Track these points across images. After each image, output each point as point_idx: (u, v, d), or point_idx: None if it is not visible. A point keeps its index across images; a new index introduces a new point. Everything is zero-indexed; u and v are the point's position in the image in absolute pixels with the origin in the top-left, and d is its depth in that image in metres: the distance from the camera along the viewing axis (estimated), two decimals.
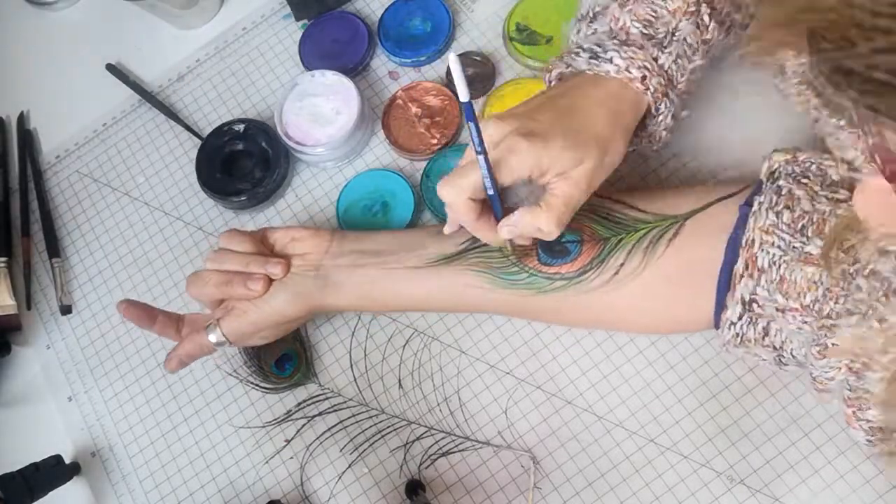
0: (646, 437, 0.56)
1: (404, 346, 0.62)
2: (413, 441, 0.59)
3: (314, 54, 0.73)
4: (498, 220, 0.50)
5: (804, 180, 0.46)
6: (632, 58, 0.49)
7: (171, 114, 0.74)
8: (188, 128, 0.73)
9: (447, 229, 0.54)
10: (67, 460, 0.63)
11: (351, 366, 0.62)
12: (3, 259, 0.71)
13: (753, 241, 0.46)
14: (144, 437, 0.64)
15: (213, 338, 0.57)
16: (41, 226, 0.73)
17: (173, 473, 0.63)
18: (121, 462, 0.64)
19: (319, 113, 0.68)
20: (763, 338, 0.48)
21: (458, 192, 0.48)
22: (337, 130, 0.67)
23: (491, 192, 0.47)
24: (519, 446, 0.58)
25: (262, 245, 0.58)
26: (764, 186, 0.48)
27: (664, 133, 0.54)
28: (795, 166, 0.47)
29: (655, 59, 0.49)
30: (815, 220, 0.44)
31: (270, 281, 0.56)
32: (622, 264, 0.51)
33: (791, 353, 0.47)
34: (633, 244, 0.51)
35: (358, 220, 0.66)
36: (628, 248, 0.51)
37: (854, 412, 0.44)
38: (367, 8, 0.75)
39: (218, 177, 0.69)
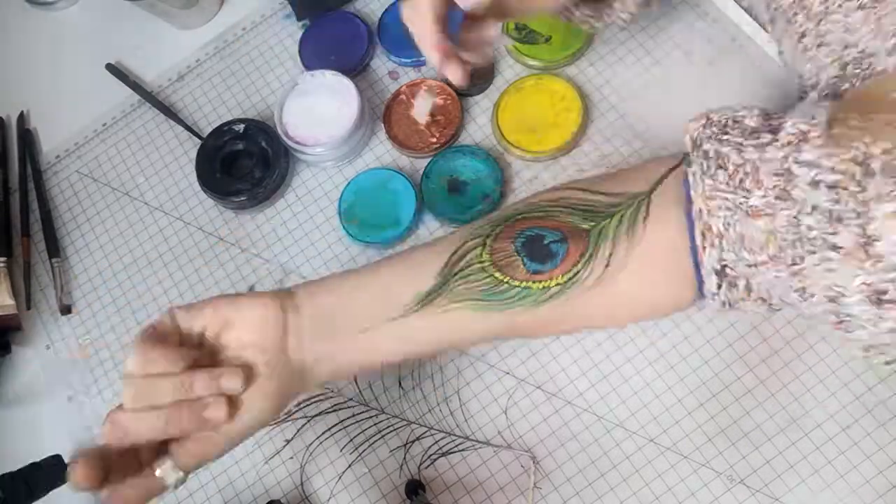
0: (646, 437, 0.56)
1: None
2: (413, 441, 0.59)
3: (314, 54, 0.73)
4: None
5: (725, 136, 0.45)
6: None
7: (171, 114, 0.74)
8: (188, 128, 0.73)
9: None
10: (67, 460, 0.63)
11: None
12: (3, 259, 0.71)
13: (701, 210, 0.45)
14: None
15: (169, 481, 0.42)
16: (41, 226, 0.73)
17: None
18: None
19: (320, 113, 0.68)
20: (748, 294, 0.47)
21: None
22: (337, 130, 0.67)
23: None
24: (519, 446, 0.58)
25: (183, 338, 0.44)
26: (691, 156, 0.46)
27: (626, 16, 0.53)
28: (712, 127, 0.46)
29: None
30: (748, 170, 0.43)
31: (231, 398, 0.43)
32: (611, 255, 0.48)
33: (780, 299, 0.46)
34: (614, 231, 0.49)
35: (360, 218, 0.66)
36: (611, 237, 0.48)
37: (845, 333, 0.43)
38: (367, 8, 0.75)
39: (218, 177, 0.69)
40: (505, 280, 0.48)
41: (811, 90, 0.49)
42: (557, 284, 0.49)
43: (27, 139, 0.77)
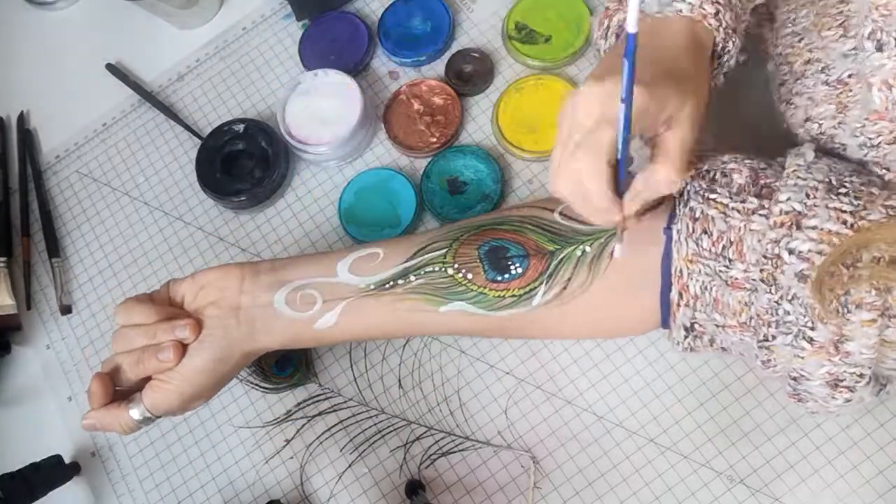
0: (646, 437, 0.56)
1: (404, 346, 0.62)
2: (413, 441, 0.59)
3: (314, 54, 0.73)
4: (620, 187, 0.43)
5: (713, 196, 0.46)
6: None
7: (171, 114, 0.74)
8: (188, 128, 0.73)
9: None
10: (67, 460, 0.63)
11: (351, 366, 0.62)
12: (3, 259, 0.71)
13: (681, 271, 0.46)
14: (144, 437, 0.64)
15: (135, 414, 0.51)
16: (41, 226, 0.73)
17: (173, 473, 0.63)
18: (121, 462, 0.64)
19: (323, 112, 0.68)
20: (711, 345, 0.49)
21: (597, 157, 0.41)
22: (341, 129, 0.67)
23: (622, 151, 0.41)
24: (519, 446, 0.58)
25: (170, 304, 0.53)
26: (677, 210, 0.47)
27: (721, 79, 0.50)
28: (700, 181, 0.47)
29: None
30: (732, 239, 0.44)
31: (184, 346, 0.51)
32: (569, 279, 0.50)
33: (739, 354, 0.49)
34: (578, 258, 0.50)
35: (360, 218, 0.66)
36: (574, 263, 0.50)
37: (796, 402, 0.46)
38: (367, 8, 0.75)
39: (218, 177, 0.69)
40: (463, 282, 0.51)
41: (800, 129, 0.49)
42: (513, 296, 0.51)
43: (27, 139, 0.77)
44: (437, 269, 0.52)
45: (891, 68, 0.39)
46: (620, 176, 0.43)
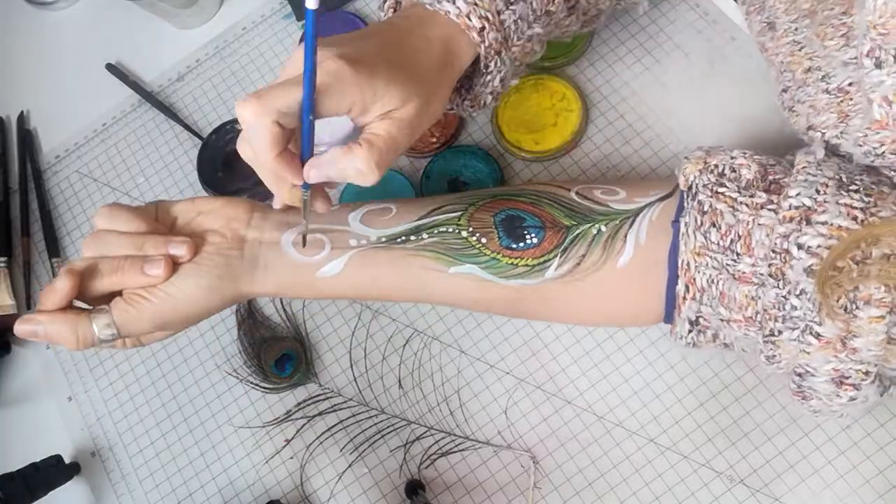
0: (646, 437, 0.56)
1: (404, 346, 0.62)
2: (413, 441, 0.59)
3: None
4: (304, 160, 0.44)
5: (721, 190, 0.46)
6: (476, 4, 0.46)
7: (171, 114, 0.74)
8: (188, 127, 0.73)
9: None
10: (67, 460, 0.63)
11: (351, 366, 0.62)
12: (3, 259, 0.71)
13: (689, 264, 0.46)
14: (144, 437, 0.64)
15: (99, 326, 0.45)
16: (41, 226, 0.73)
17: (173, 473, 0.63)
18: (121, 462, 0.64)
19: None
20: (714, 339, 0.49)
21: (261, 111, 0.41)
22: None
23: (306, 121, 0.42)
24: (519, 446, 0.58)
25: (158, 223, 0.49)
26: (686, 204, 0.47)
27: (489, 98, 0.52)
28: (709, 175, 0.47)
29: (498, 13, 0.47)
30: (740, 233, 0.44)
31: (174, 264, 0.46)
32: (584, 255, 0.49)
33: (741, 349, 0.49)
34: (594, 237, 0.50)
35: None
36: (589, 240, 0.50)
37: (800, 400, 0.46)
38: (367, 8, 0.75)
39: (219, 176, 0.69)
40: (476, 245, 0.50)
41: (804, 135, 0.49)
42: (526, 265, 0.50)
43: (27, 139, 0.77)
44: (450, 229, 0.51)
45: (890, 85, 0.39)
46: (304, 145, 0.43)
